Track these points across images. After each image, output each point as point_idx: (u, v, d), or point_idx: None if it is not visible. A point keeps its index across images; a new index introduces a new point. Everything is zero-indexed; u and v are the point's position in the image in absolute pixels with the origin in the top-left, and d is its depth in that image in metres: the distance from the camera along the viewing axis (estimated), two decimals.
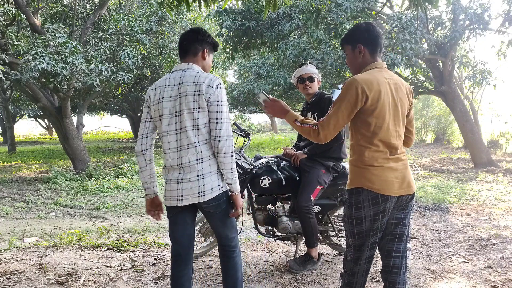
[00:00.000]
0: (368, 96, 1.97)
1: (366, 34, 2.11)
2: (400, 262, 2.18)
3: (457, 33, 8.60)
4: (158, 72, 15.29)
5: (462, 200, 6.56)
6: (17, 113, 24.03)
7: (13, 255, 3.69)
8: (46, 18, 10.85)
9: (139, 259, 3.63)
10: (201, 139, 2.16)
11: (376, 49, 2.12)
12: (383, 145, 2.04)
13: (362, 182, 2.05)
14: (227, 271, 2.36)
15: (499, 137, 14.09)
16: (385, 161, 2.04)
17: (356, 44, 2.12)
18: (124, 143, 23.64)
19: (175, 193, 2.22)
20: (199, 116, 2.12)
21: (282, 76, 10.31)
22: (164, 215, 2.45)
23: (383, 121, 2.02)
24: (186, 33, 2.31)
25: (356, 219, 2.08)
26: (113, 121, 36.20)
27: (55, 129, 10.76)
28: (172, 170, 2.24)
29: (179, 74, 2.20)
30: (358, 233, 2.11)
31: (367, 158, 2.04)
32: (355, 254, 2.16)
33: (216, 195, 2.18)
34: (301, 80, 3.41)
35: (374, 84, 2.00)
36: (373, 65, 2.10)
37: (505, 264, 3.55)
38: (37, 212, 6.65)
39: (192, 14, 14.34)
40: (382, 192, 2.02)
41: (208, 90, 2.11)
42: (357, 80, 1.99)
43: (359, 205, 2.06)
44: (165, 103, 2.17)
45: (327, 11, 9.02)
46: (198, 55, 2.27)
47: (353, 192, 2.09)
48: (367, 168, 2.04)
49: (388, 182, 2.03)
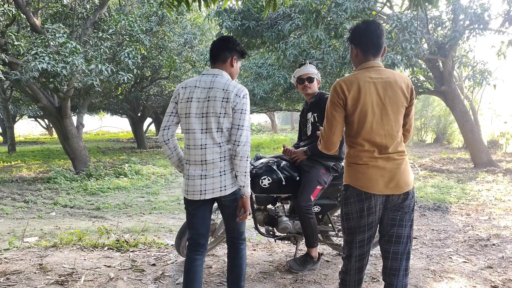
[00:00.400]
0: (347, 96, 2.03)
1: (357, 34, 2.15)
2: (399, 264, 2.15)
3: (457, 33, 8.59)
4: (158, 72, 15.29)
5: (462, 200, 6.56)
6: (17, 113, 24.03)
7: (13, 255, 3.69)
8: (46, 18, 10.85)
9: (139, 259, 3.63)
10: (224, 140, 2.37)
11: (367, 48, 2.12)
12: (368, 144, 2.07)
13: (348, 179, 2.14)
14: (233, 261, 2.53)
15: (499, 137, 14.09)
16: (371, 159, 2.07)
17: (350, 44, 2.19)
18: (124, 143, 23.65)
19: (198, 188, 2.38)
20: (224, 120, 2.33)
21: (282, 76, 10.30)
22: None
23: (365, 120, 2.04)
24: (217, 41, 2.50)
25: (345, 214, 2.15)
26: (113, 121, 36.21)
27: (55, 129, 10.76)
28: (194, 165, 2.40)
29: (209, 79, 2.39)
30: (348, 228, 2.16)
31: (352, 156, 2.12)
32: (348, 251, 2.19)
33: (235, 190, 2.41)
34: (300, 81, 3.41)
35: (354, 84, 2.04)
36: (363, 65, 2.13)
37: (505, 264, 3.55)
38: (37, 212, 6.65)
39: (192, 14, 14.35)
40: (365, 190, 2.06)
41: (236, 99, 2.32)
42: (338, 81, 2.08)
43: (347, 201, 2.14)
44: (194, 103, 2.36)
45: (327, 11, 9.02)
46: (227, 62, 2.47)
47: (344, 188, 2.18)
48: (352, 166, 2.12)
49: (372, 180, 2.05)
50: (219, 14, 10.68)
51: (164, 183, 9.45)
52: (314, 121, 3.37)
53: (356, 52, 2.15)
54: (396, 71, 2.17)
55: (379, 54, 2.15)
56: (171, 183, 9.56)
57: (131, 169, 10.54)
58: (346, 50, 8.57)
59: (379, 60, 2.16)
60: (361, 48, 2.13)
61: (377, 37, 2.11)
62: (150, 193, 8.16)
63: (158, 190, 8.53)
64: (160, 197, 7.83)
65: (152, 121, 25.18)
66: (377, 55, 2.14)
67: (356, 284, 2.20)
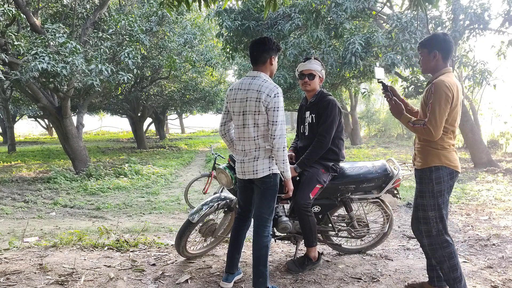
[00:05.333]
0: (455, 95, 2.52)
1: (442, 43, 2.62)
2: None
3: (457, 33, 8.59)
4: (158, 72, 15.29)
5: (462, 200, 6.56)
6: (17, 113, 24.04)
7: (13, 255, 3.69)
8: (46, 18, 10.84)
9: (139, 259, 3.63)
10: (259, 134, 2.78)
11: (448, 56, 2.64)
12: (453, 134, 2.63)
13: (442, 161, 2.60)
14: (255, 243, 2.86)
15: (499, 137, 14.09)
16: (453, 146, 2.66)
17: (432, 50, 2.62)
18: (124, 143, 23.65)
19: (240, 169, 2.89)
20: (259, 117, 2.74)
21: (282, 76, 10.30)
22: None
23: (456, 116, 2.58)
24: (255, 44, 2.85)
25: (438, 192, 2.63)
26: (113, 121, 36.21)
27: (55, 129, 10.76)
28: (239, 153, 2.90)
29: (248, 81, 2.79)
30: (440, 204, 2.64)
31: (446, 141, 2.61)
32: (442, 225, 2.65)
33: (266, 175, 2.80)
34: (301, 76, 3.36)
35: (457, 85, 2.56)
36: (447, 70, 2.63)
37: (505, 264, 3.55)
38: (37, 212, 6.65)
39: (192, 14, 14.35)
40: (456, 169, 2.64)
41: (267, 98, 2.69)
42: (447, 82, 2.51)
43: (440, 180, 2.61)
44: (236, 103, 2.81)
45: (327, 11, 9.02)
46: (266, 62, 2.83)
47: (433, 169, 2.62)
48: (446, 149, 2.62)
49: (458, 161, 2.67)
50: (219, 14, 10.68)
51: (164, 183, 9.44)
52: (312, 122, 3.36)
53: (437, 57, 2.63)
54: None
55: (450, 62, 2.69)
56: (171, 183, 9.56)
57: (131, 169, 10.54)
58: (346, 50, 8.57)
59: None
60: (443, 54, 2.63)
61: (452, 47, 2.66)
62: (150, 193, 8.15)
63: (158, 190, 8.53)
64: (160, 197, 7.83)
65: (152, 121, 25.19)
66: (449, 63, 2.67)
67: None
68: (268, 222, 2.86)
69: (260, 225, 2.85)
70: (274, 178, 2.83)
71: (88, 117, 29.38)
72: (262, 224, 2.86)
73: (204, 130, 38.33)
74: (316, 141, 3.27)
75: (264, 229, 2.85)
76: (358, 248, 3.81)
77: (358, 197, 3.54)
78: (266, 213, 2.86)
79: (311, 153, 3.26)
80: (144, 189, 8.64)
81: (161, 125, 25.53)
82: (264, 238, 2.83)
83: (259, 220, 2.87)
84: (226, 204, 3.48)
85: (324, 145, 3.26)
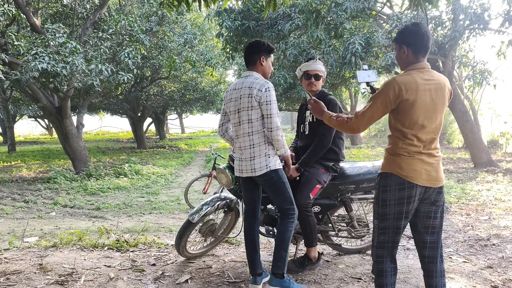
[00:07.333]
0: (403, 95, 2.16)
1: (408, 35, 2.26)
2: (436, 253, 2.35)
3: (457, 33, 8.58)
4: (158, 72, 15.28)
5: (462, 200, 6.56)
6: (17, 113, 24.04)
7: (13, 255, 3.69)
8: (46, 18, 10.84)
9: (139, 259, 3.63)
10: (254, 130, 2.86)
11: (418, 49, 2.26)
12: (417, 139, 2.23)
13: (391, 168, 2.28)
14: (278, 229, 2.96)
15: (499, 137, 14.09)
16: (417, 154, 2.24)
17: (400, 45, 2.30)
18: (124, 143, 23.66)
19: (237, 167, 2.98)
20: (252, 113, 2.83)
21: (282, 76, 10.30)
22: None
23: (417, 119, 2.20)
24: (247, 47, 3.01)
25: (382, 201, 2.31)
26: (113, 121, 36.23)
27: (55, 129, 10.76)
28: (237, 150, 2.99)
29: (241, 81, 2.92)
30: (382, 214, 2.32)
31: (400, 147, 2.25)
32: (380, 237, 2.37)
33: (264, 172, 2.86)
34: (306, 76, 3.32)
35: (413, 85, 2.18)
36: (415, 66, 2.26)
37: (505, 264, 3.55)
38: (37, 212, 6.65)
39: (192, 14, 14.35)
40: (409, 180, 2.23)
41: (258, 93, 2.79)
42: (396, 80, 2.18)
43: (386, 189, 2.28)
44: (232, 103, 2.93)
45: (327, 11, 9.02)
46: (257, 63, 2.95)
47: (382, 176, 2.32)
48: (399, 157, 2.26)
49: (416, 171, 2.23)
50: (219, 14, 10.68)
51: (164, 183, 9.44)
52: (312, 121, 3.36)
53: (406, 53, 2.28)
54: (440, 74, 2.34)
55: (426, 55, 2.30)
56: (171, 183, 9.56)
57: (131, 169, 10.54)
58: (346, 50, 8.58)
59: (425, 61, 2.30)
60: (412, 49, 2.26)
61: (427, 39, 2.26)
62: (150, 193, 8.15)
63: (158, 190, 8.52)
64: (160, 197, 7.83)
65: (152, 121, 25.19)
66: (425, 57, 2.29)
67: (392, 273, 2.36)
68: (291, 210, 2.94)
69: (284, 214, 2.94)
70: (275, 173, 2.88)
71: (88, 117, 29.41)
72: (285, 213, 2.94)
73: (204, 130, 38.33)
74: (317, 140, 3.27)
75: (289, 216, 2.93)
76: (358, 248, 3.81)
77: (358, 197, 3.54)
78: (285, 204, 2.93)
79: (312, 152, 3.26)
80: (144, 189, 8.64)
81: (161, 125, 25.54)
82: (289, 224, 2.91)
83: (282, 211, 2.97)
84: (226, 204, 3.48)
85: (325, 145, 3.26)
